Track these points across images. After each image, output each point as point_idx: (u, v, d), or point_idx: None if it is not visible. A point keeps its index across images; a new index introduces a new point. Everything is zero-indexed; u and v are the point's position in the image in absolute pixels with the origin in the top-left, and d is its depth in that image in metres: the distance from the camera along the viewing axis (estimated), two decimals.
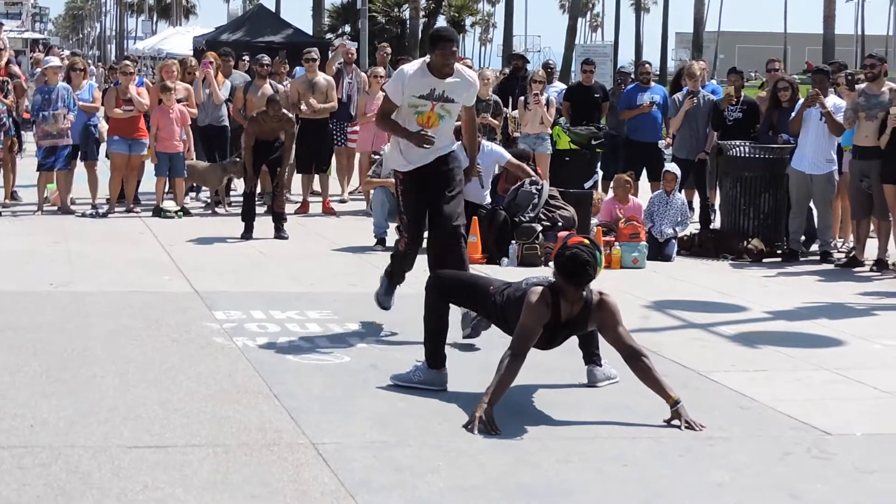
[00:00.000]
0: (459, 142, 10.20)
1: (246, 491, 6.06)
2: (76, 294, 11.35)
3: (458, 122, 9.90)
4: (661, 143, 18.15)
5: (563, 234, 13.45)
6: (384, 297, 10.12)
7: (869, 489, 6.48)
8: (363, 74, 19.70)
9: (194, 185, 19.36)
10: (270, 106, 15.63)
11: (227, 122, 19.13)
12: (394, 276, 10.06)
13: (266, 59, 18.91)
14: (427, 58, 9.41)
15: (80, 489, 6.00)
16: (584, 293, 7.61)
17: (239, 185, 17.92)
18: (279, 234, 15.53)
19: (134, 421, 7.15)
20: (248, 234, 15.46)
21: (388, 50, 21.13)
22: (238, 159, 17.67)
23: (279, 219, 15.66)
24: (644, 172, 18.05)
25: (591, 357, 8.35)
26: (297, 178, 19.01)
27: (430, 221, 9.58)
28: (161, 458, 6.48)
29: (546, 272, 7.93)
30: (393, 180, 14.77)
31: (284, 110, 16.01)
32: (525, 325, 7.52)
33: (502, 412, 7.29)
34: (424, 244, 9.70)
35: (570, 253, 7.49)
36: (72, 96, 17.37)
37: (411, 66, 9.43)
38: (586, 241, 7.65)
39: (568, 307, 7.60)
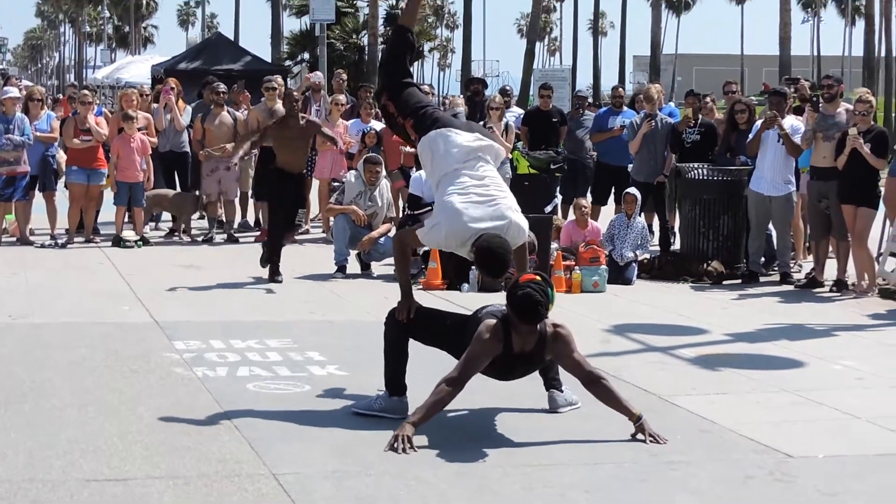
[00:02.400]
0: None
1: None
2: (35, 325, 11.28)
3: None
4: (630, 167, 18.16)
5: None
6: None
7: None
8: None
9: (153, 213, 19.30)
10: (286, 100, 14.45)
11: (188, 149, 19.10)
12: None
13: (222, 86, 18.80)
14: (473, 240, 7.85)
15: None
16: (538, 326, 7.63)
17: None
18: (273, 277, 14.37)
19: (93, 453, 7.10)
20: (274, 277, 14.27)
21: (344, 76, 21.09)
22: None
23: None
24: (612, 195, 18.07)
25: (552, 382, 8.35)
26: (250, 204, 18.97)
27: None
28: (120, 492, 6.43)
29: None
30: (353, 207, 14.91)
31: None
32: (471, 355, 7.53)
33: (463, 438, 7.27)
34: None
35: (523, 293, 7.50)
36: (27, 126, 17.25)
37: (453, 240, 7.95)
38: (538, 279, 7.64)
39: (520, 340, 7.62)
